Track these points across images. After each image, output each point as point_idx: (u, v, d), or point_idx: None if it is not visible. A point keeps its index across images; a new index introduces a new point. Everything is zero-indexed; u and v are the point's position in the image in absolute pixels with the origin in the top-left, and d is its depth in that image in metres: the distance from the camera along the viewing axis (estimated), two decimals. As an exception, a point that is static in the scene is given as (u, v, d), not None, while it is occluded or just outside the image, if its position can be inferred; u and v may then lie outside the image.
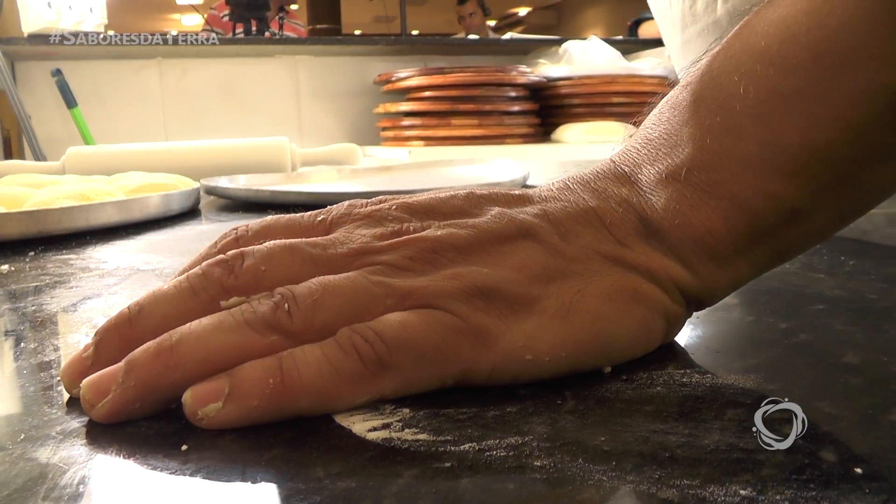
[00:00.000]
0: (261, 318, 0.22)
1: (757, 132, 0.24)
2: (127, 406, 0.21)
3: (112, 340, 0.23)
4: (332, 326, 0.22)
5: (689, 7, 0.59)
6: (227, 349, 0.22)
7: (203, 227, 0.64)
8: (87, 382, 0.22)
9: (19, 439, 0.20)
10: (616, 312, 0.24)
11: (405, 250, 0.24)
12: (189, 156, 1.04)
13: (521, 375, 0.23)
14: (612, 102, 2.04)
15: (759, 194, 0.24)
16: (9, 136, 2.28)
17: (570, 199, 0.27)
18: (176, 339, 0.22)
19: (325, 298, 0.23)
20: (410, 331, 0.22)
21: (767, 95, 0.24)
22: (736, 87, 0.25)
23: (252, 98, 2.24)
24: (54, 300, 0.36)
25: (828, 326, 0.29)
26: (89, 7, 1.92)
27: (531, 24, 9.34)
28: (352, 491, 0.17)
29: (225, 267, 0.24)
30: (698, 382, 0.23)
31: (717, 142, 0.25)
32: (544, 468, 0.18)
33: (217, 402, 0.21)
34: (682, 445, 0.19)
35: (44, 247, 0.52)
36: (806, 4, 0.24)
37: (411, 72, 2.02)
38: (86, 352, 0.23)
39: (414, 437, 0.20)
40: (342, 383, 0.21)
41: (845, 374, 0.24)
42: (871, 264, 0.39)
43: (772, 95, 0.24)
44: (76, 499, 0.17)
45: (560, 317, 0.23)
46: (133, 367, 0.21)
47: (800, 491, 0.16)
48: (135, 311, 0.23)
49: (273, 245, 0.25)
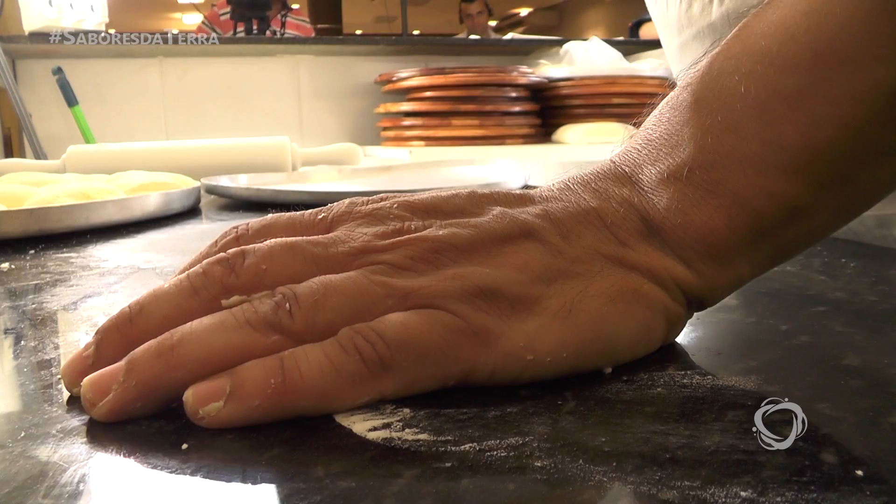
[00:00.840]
0: (262, 318, 0.22)
1: (758, 131, 0.24)
2: (128, 405, 0.21)
3: (113, 340, 0.23)
4: (334, 326, 0.22)
5: (686, 10, 0.60)
6: (228, 349, 0.22)
7: (203, 227, 0.64)
8: (87, 381, 0.22)
9: (19, 437, 0.20)
10: (617, 313, 0.24)
11: (406, 250, 0.24)
12: (190, 155, 1.04)
13: (522, 376, 0.23)
14: (613, 103, 2.04)
15: (761, 193, 0.24)
16: (9, 135, 2.28)
17: (571, 199, 0.27)
18: (177, 338, 0.22)
19: (327, 298, 0.23)
20: (412, 331, 0.22)
21: (768, 95, 0.24)
22: (736, 87, 0.25)
23: (253, 97, 2.23)
24: (55, 298, 0.36)
25: (828, 328, 0.29)
26: (90, 6, 1.91)
27: (532, 25, 9.34)
28: (352, 491, 0.17)
29: (226, 265, 0.24)
30: (699, 384, 0.23)
31: (718, 141, 0.25)
32: (545, 469, 0.18)
33: (218, 402, 0.21)
34: (683, 446, 0.19)
35: (44, 245, 0.52)
36: (805, 5, 0.24)
37: (412, 72, 2.02)
38: (86, 351, 0.23)
39: (414, 437, 0.20)
40: (343, 383, 0.21)
41: (846, 377, 0.24)
42: (871, 266, 0.39)
43: (772, 95, 0.24)
44: (76, 497, 0.17)
45: (561, 317, 0.23)
46: (134, 367, 0.21)
47: (800, 493, 0.16)
48: (135, 310, 0.23)
49: (274, 243, 0.25)
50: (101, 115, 2.04)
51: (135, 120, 2.14)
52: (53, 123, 1.99)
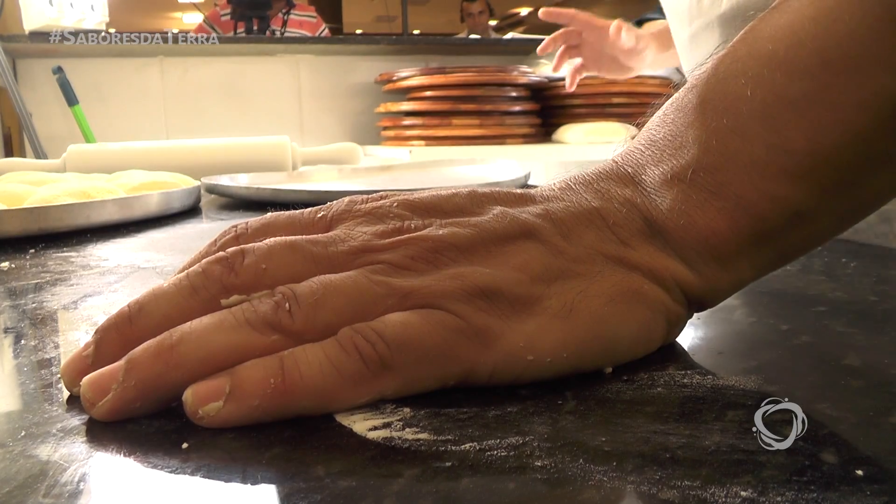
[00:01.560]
0: (262, 318, 0.22)
1: (763, 135, 0.24)
2: (127, 405, 0.21)
3: (112, 339, 0.23)
4: (334, 326, 0.22)
5: (696, 1, 0.60)
6: (227, 348, 0.22)
7: (204, 226, 0.64)
8: (87, 381, 0.22)
9: (20, 436, 0.20)
10: (618, 313, 0.24)
11: (407, 249, 0.24)
12: (190, 154, 1.04)
13: (522, 376, 0.23)
14: (614, 103, 2.04)
15: (765, 196, 0.24)
16: (10, 134, 2.28)
17: (573, 199, 0.27)
18: (176, 338, 0.22)
19: (327, 298, 0.23)
20: (412, 331, 0.22)
21: (774, 99, 0.24)
22: (742, 91, 0.25)
23: (253, 97, 2.23)
24: (55, 297, 0.36)
25: (829, 328, 0.29)
26: (90, 5, 1.91)
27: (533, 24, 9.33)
28: (352, 490, 0.17)
29: (225, 265, 0.24)
30: (699, 383, 0.23)
31: (722, 144, 0.25)
32: (545, 468, 0.18)
33: (218, 402, 0.21)
34: (683, 446, 0.19)
35: (44, 244, 0.52)
36: (813, 11, 0.24)
37: (412, 71, 2.02)
38: (86, 350, 0.23)
39: (414, 436, 0.20)
40: (343, 383, 0.21)
41: (846, 377, 0.24)
42: (871, 266, 0.39)
43: (779, 99, 0.24)
44: (76, 496, 0.17)
45: (562, 317, 0.23)
46: (133, 367, 0.21)
47: (800, 493, 0.16)
48: (135, 309, 0.23)
49: (273, 243, 0.25)
50: (101, 115, 2.04)
51: (135, 119, 2.14)
52: (53, 123, 1.99)
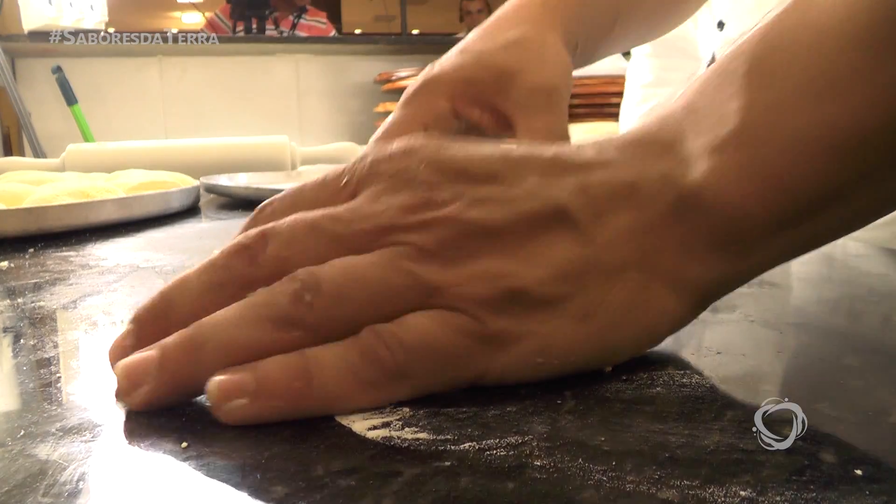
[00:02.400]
0: (283, 316, 0.22)
1: (808, 109, 0.23)
2: (161, 397, 0.22)
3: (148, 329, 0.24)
4: (354, 321, 0.22)
5: None
6: (250, 345, 0.22)
7: (203, 225, 0.64)
8: (121, 369, 0.22)
9: (19, 436, 0.20)
10: (630, 322, 0.24)
11: (434, 232, 0.23)
12: (189, 154, 1.04)
13: (529, 377, 0.23)
14: (613, 103, 2.04)
15: (803, 173, 0.23)
16: (9, 133, 2.28)
17: (609, 169, 0.25)
18: (203, 334, 0.22)
19: (349, 291, 0.22)
20: (431, 339, 0.22)
21: (822, 72, 0.23)
22: (791, 62, 0.24)
23: (252, 96, 2.24)
24: (54, 297, 0.36)
25: (829, 328, 0.29)
26: (90, 4, 1.91)
27: (532, 25, 9.31)
28: (352, 489, 0.17)
29: (246, 257, 0.24)
30: (698, 383, 0.23)
31: (764, 117, 0.24)
32: (544, 468, 0.18)
33: (243, 399, 0.21)
34: (682, 446, 0.19)
35: (43, 244, 0.52)
36: None
37: (411, 71, 2.02)
38: (125, 339, 0.24)
39: (414, 435, 0.20)
40: (360, 389, 0.22)
41: (846, 376, 0.24)
42: (871, 266, 0.39)
43: (827, 73, 0.23)
44: (76, 495, 0.17)
45: (578, 320, 0.23)
46: (165, 362, 0.22)
47: (800, 492, 0.16)
48: (165, 304, 0.24)
49: (294, 224, 0.24)
50: (100, 114, 2.04)
51: (134, 119, 2.14)
52: (53, 122, 1.99)
